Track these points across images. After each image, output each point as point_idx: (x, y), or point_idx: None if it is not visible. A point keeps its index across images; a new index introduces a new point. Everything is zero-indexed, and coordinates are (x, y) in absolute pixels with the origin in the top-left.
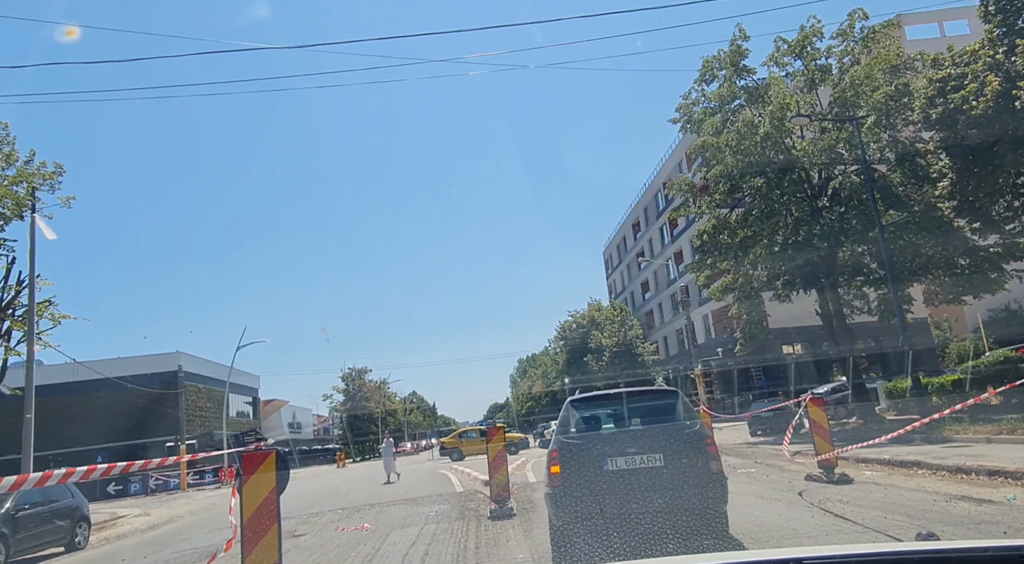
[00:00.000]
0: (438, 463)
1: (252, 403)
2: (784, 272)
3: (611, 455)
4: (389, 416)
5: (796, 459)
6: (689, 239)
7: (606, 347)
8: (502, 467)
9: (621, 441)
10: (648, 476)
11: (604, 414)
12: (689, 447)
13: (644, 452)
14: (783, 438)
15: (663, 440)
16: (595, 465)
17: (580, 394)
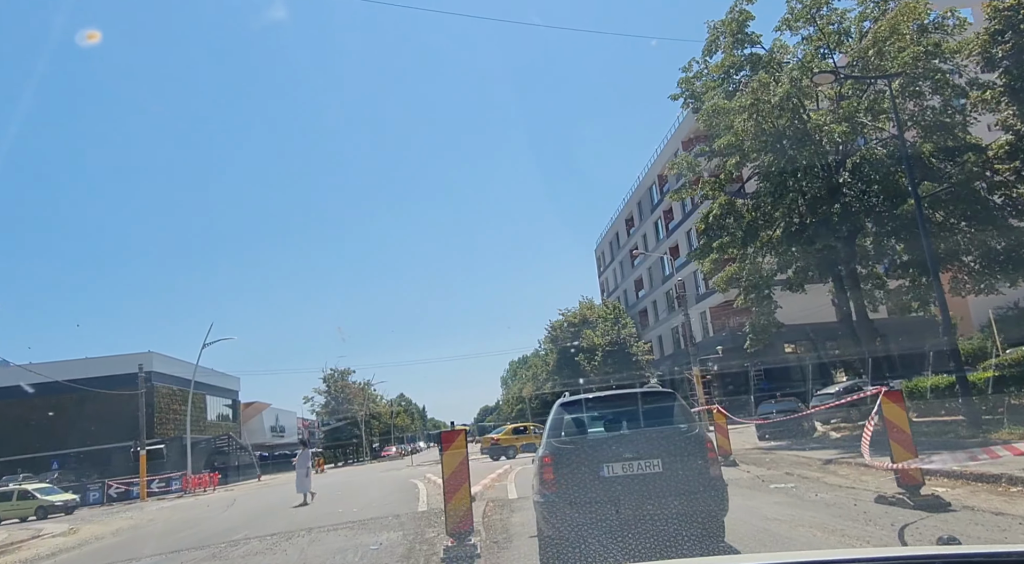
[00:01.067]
0: (416, 470)
1: (232, 406)
2: (797, 259)
3: (608, 460)
4: (373, 419)
5: (832, 469)
6: (690, 230)
7: (598, 346)
8: (462, 487)
9: (617, 446)
10: (646, 482)
11: (597, 417)
12: (688, 451)
13: (642, 457)
14: (797, 442)
15: (661, 444)
16: (592, 471)
17: (571, 396)
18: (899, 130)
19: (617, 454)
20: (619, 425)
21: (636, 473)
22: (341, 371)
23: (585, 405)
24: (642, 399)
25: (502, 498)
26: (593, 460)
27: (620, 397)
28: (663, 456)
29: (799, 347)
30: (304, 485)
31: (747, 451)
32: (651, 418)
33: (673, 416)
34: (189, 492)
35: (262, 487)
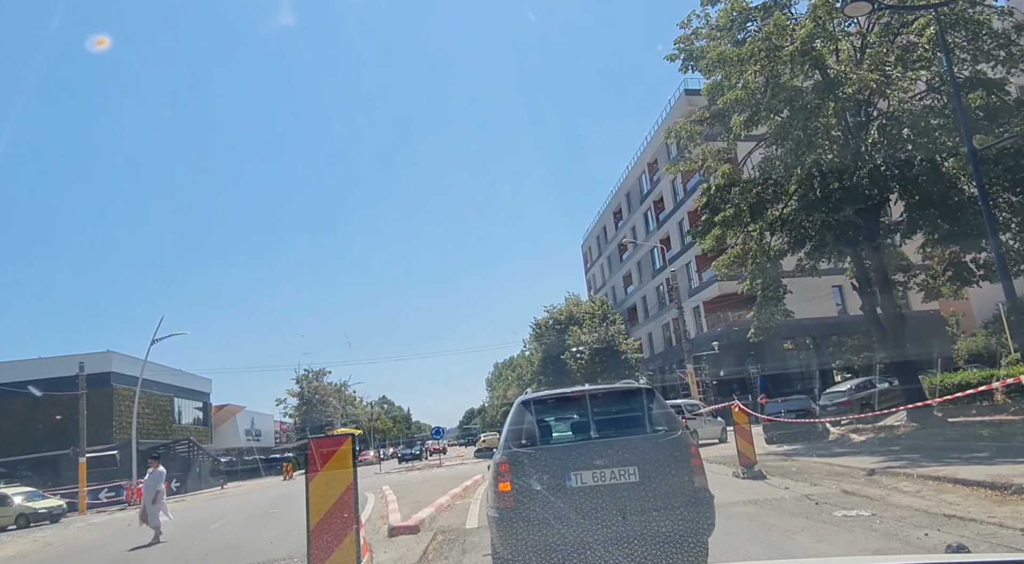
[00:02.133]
0: (380, 478)
1: (203, 409)
2: (812, 236)
3: (575, 468)
4: (350, 422)
5: (890, 483)
6: (682, 219)
7: (585, 344)
8: (344, 540)
9: (587, 451)
10: (620, 494)
11: (564, 418)
12: (669, 459)
13: (615, 465)
14: (812, 445)
15: (638, 450)
16: (556, 481)
17: (535, 393)
18: (948, 64)
19: (586, 461)
20: (589, 427)
21: (608, 483)
22: (316, 371)
23: (550, 403)
24: (616, 397)
25: (456, 527)
26: (558, 468)
27: (591, 395)
28: (640, 463)
29: (797, 344)
30: (154, 516)
31: (762, 457)
32: (627, 419)
33: (652, 417)
34: (134, 503)
35: (218, 497)
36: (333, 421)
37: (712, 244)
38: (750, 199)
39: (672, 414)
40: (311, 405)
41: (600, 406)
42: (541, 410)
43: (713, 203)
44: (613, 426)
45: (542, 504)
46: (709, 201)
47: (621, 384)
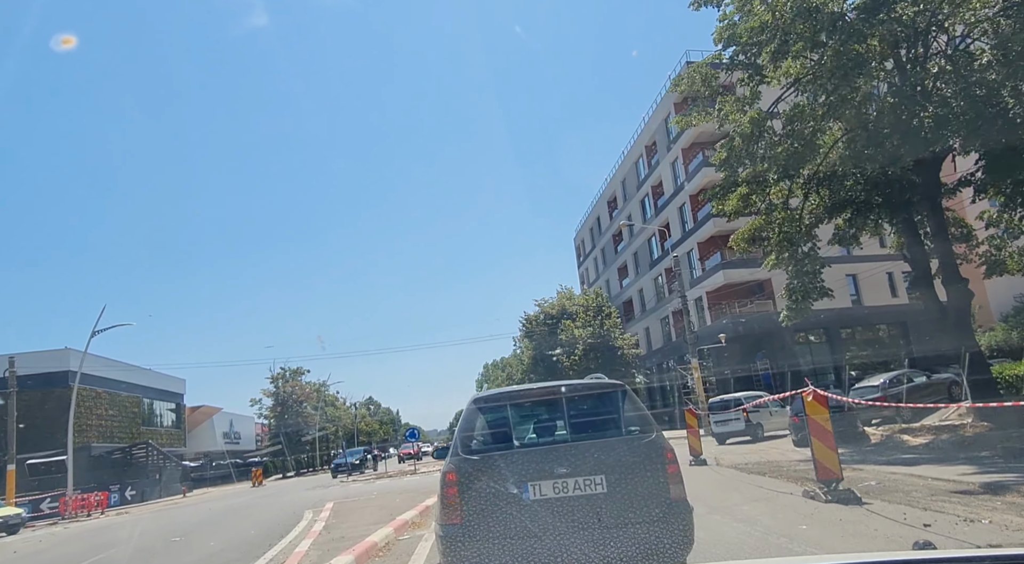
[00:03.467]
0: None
1: (176, 410)
2: (859, 194)
3: (534, 478)
4: (330, 424)
5: None
6: (683, 204)
7: (579, 339)
8: None
9: (547, 458)
10: (585, 508)
11: (522, 420)
12: (642, 465)
13: (580, 474)
14: (855, 449)
15: (606, 456)
16: (510, 493)
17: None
18: None
19: (547, 469)
20: (551, 430)
21: (572, 494)
22: (293, 370)
23: (507, 403)
24: (583, 396)
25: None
26: (513, 477)
27: (553, 392)
28: (608, 472)
29: (809, 337)
30: None
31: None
32: (594, 421)
33: (623, 418)
34: (68, 516)
35: (165, 508)
36: (310, 423)
37: (736, 205)
38: (782, 153)
39: (646, 414)
40: (287, 406)
41: (564, 406)
42: (496, 411)
43: (738, 156)
44: (578, 429)
45: (494, 519)
46: (730, 156)
47: (588, 380)
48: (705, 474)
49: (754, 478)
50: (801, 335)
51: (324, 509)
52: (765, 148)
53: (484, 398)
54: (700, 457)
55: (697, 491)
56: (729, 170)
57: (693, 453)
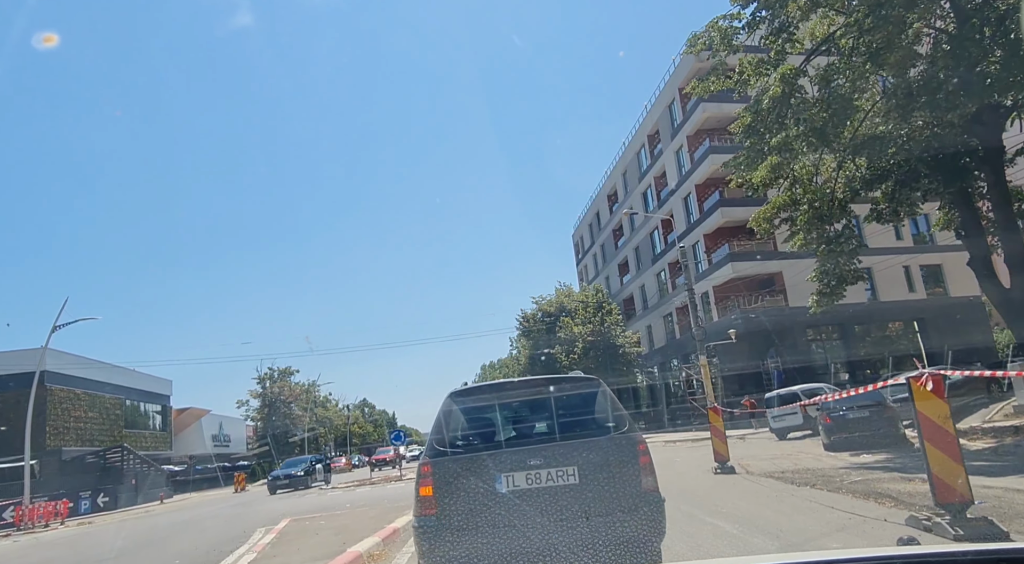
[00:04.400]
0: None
1: (162, 412)
2: (897, 164)
3: (507, 470)
4: (319, 425)
5: None
6: (688, 194)
7: (578, 337)
8: None
9: (521, 450)
10: (558, 499)
11: (498, 413)
12: (614, 458)
13: (553, 465)
14: (899, 455)
15: (579, 448)
16: (484, 484)
17: (466, 385)
18: None
19: (520, 461)
20: (526, 423)
21: (545, 486)
22: (281, 370)
23: (483, 397)
24: (557, 389)
25: None
26: (487, 469)
27: (529, 386)
28: (581, 464)
29: (822, 333)
30: None
31: (855, 472)
32: (568, 414)
33: (595, 411)
34: (24, 526)
35: (135, 517)
36: (299, 425)
37: (766, 176)
38: (817, 113)
39: (619, 409)
40: (274, 407)
41: (539, 399)
42: (472, 404)
43: (765, 122)
44: (552, 422)
45: (468, 510)
46: (756, 122)
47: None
48: (742, 486)
49: (809, 493)
50: (814, 331)
51: (274, 531)
52: (796, 110)
53: (460, 392)
54: (727, 464)
55: (748, 513)
56: (755, 137)
57: (718, 459)
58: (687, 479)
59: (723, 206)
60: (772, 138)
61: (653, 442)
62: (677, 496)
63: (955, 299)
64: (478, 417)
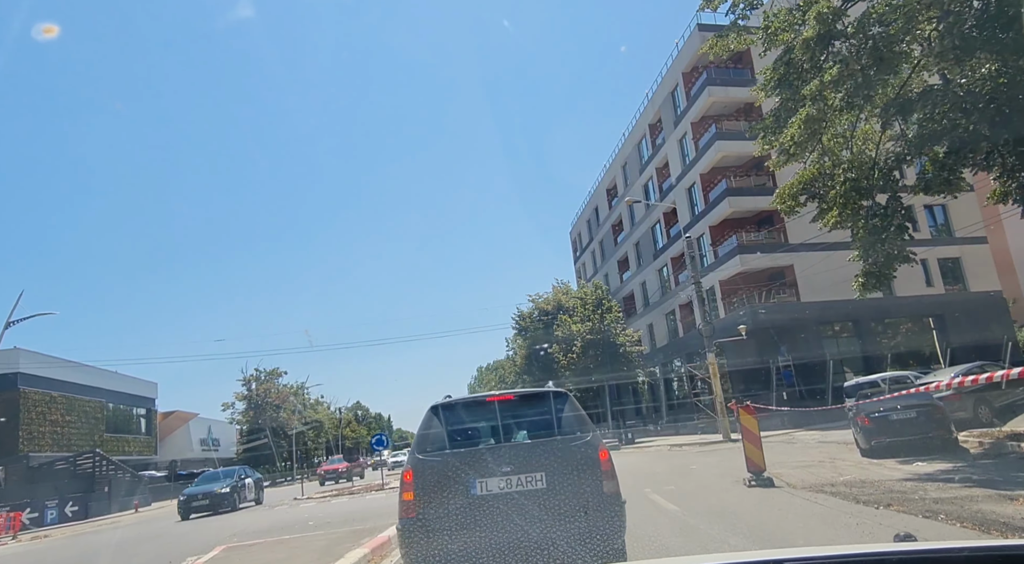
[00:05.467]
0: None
1: (146, 416)
2: (952, 124)
3: (481, 475)
4: (309, 429)
5: None
6: (692, 184)
7: (577, 335)
8: None
9: (494, 458)
10: (527, 501)
11: (475, 424)
12: (578, 464)
13: (522, 471)
14: (966, 468)
15: (546, 456)
16: (460, 489)
17: (448, 398)
18: None
19: (493, 467)
20: (499, 433)
21: (515, 490)
22: (268, 372)
23: (461, 409)
24: (528, 401)
25: None
26: (463, 475)
27: (504, 400)
28: (548, 469)
29: (835, 330)
30: None
31: (954, 497)
32: (537, 424)
33: (562, 421)
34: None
35: (97, 529)
36: (287, 428)
37: (799, 133)
38: (860, 57)
39: (584, 417)
40: (261, 410)
41: (511, 411)
42: (451, 416)
43: (798, 71)
44: (524, 431)
45: (445, 513)
46: (788, 71)
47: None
48: (794, 506)
49: (893, 518)
50: (827, 328)
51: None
52: (835, 56)
53: (441, 404)
54: (762, 474)
55: None
56: (788, 91)
57: (752, 468)
58: (716, 493)
59: (731, 195)
60: (807, 86)
61: (657, 446)
62: (711, 519)
63: (975, 294)
64: (457, 427)
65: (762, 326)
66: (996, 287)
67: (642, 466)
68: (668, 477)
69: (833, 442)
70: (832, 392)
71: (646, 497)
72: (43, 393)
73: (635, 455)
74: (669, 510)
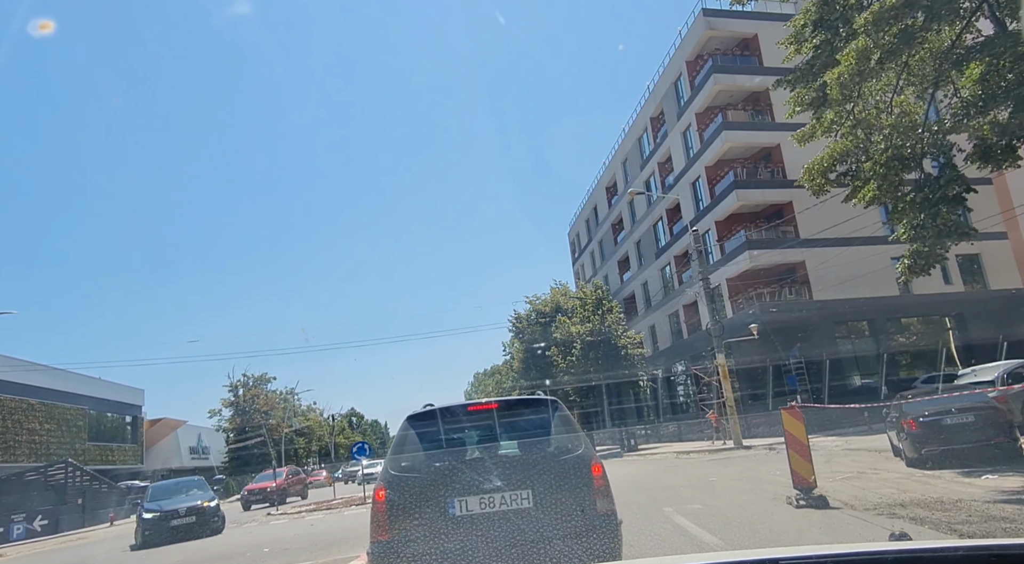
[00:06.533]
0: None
1: (132, 424)
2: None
3: (460, 494)
4: (299, 436)
5: None
6: (697, 178)
7: (576, 337)
8: None
9: (475, 473)
10: (511, 522)
11: (455, 436)
12: (568, 480)
13: (506, 489)
14: None
15: (533, 471)
16: (437, 509)
17: (425, 408)
18: None
19: (474, 485)
20: (481, 445)
21: (498, 509)
22: (257, 377)
23: (440, 419)
24: (515, 411)
25: None
26: (440, 493)
27: (488, 408)
28: (534, 486)
29: (850, 329)
30: None
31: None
32: (523, 436)
33: (551, 433)
34: None
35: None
36: (276, 436)
37: (850, 69)
38: None
39: (575, 429)
40: (248, 416)
41: (495, 421)
42: (429, 427)
43: (843, 5)
44: (507, 444)
45: (421, 535)
46: (826, 10)
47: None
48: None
49: None
50: (842, 328)
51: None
52: None
53: (417, 415)
54: (812, 492)
55: None
56: (828, 33)
57: (800, 483)
58: (759, 516)
59: (739, 188)
60: (855, 21)
61: (662, 453)
62: None
63: (995, 292)
64: (435, 440)
65: (773, 325)
66: (1018, 285)
67: (653, 477)
68: (688, 492)
69: (861, 449)
70: (851, 393)
71: (669, 520)
72: (20, 400)
73: (641, 464)
74: (706, 542)
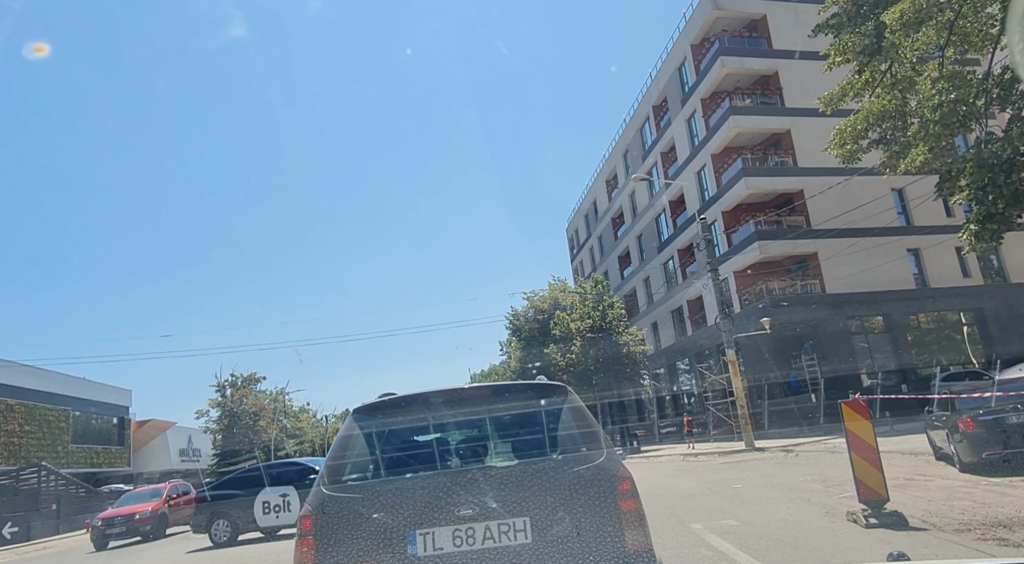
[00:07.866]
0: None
1: (118, 425)
2: None
3: (425, 524)
4: (289, 438)
5: None
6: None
7: (576, 334)
8: None
9: (447, 492)
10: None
11: (421, 438)
12: (583, 502)
13: (494, 517)
14: None
15: (532, 489)
16: (390, 546)
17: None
18: None
19: (445, 510)
20: (459, 450)
21: (481, 547)
22: (247, 377)
23: (399, 413)
24: (507, 402)
25: None
26: (397, 523)
27: (463, 397)
28: (535, 512)
29: (864, 324)
30: None
31: None
32: (521, 438)
33: (559, 434)
34: None
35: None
36: (266, 438)
37: (910, 9)
38: None
39: (593, 426)
40: (236, 418)
41: (479, 416)
42: (382, 424)
43: None
44: (496, 449)
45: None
46: None
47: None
48: None
49: None
50: (855, 323)
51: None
52: None
53: (368, 407)
54: (883, 507)
55: None
56: None
57: (867, 496)
58: (821, 538)
59: (747, 175)
60: None
61: (668, 455)
62: None
63: (1017, 286)
64: (390, 444)
65: (783, 321)
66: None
67: (665, 483)
68: (713, 502)
69: (895, 451)
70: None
71: (702, 541)
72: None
73: (648, 467)
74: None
